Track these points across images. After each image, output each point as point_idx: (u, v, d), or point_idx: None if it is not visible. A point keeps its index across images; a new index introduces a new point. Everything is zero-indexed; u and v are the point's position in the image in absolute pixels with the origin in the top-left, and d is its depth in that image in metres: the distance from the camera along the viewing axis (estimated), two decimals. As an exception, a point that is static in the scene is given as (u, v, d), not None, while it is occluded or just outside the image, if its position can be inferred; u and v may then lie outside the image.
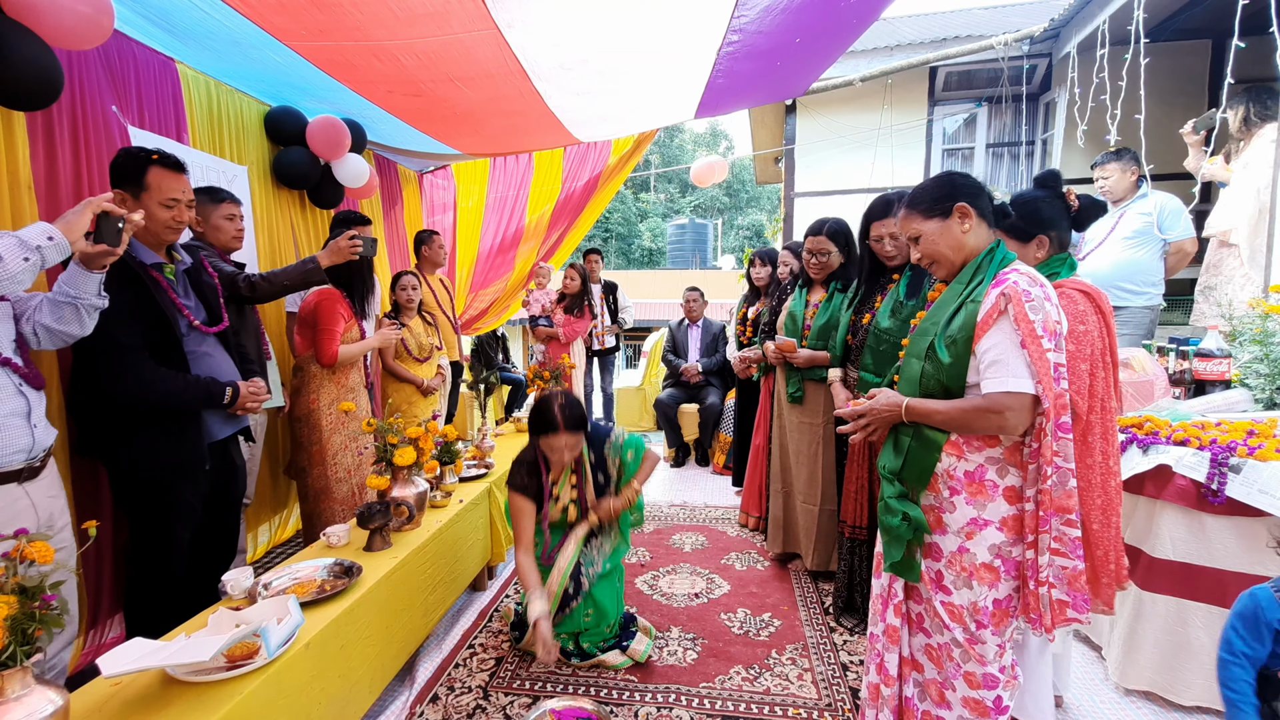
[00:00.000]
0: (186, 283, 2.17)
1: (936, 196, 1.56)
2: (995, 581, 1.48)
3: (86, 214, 1.65)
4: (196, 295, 2.20)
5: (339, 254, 2.66)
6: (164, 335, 2.00)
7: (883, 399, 1.60)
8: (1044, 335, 1.37)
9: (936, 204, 1.55)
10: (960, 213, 1.52)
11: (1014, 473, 1.48)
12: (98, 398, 1.96)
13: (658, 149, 33.67)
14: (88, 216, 1.65)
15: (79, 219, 1.64)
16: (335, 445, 2.79)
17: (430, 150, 4.59)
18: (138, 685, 1.42)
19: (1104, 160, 3.47)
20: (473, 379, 4.66)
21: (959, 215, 1.52)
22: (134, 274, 1.94)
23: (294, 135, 3.50)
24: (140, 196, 1.95)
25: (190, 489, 2.09)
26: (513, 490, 2.39)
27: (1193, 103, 5.27)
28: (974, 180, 1.57)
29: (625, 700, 2.12)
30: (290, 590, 1.86)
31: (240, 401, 2.17)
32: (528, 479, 2.38)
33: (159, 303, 1.99)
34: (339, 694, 1.75)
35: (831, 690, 2.17)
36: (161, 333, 1.99)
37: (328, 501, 2.79)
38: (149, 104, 2.67)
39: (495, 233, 5.83)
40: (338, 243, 2.66)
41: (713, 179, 6.27)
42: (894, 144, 5.92)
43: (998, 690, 1.50)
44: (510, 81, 3.18)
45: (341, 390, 2.85)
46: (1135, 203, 3.38)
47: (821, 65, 3.88)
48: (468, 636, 2.54)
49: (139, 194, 1.95)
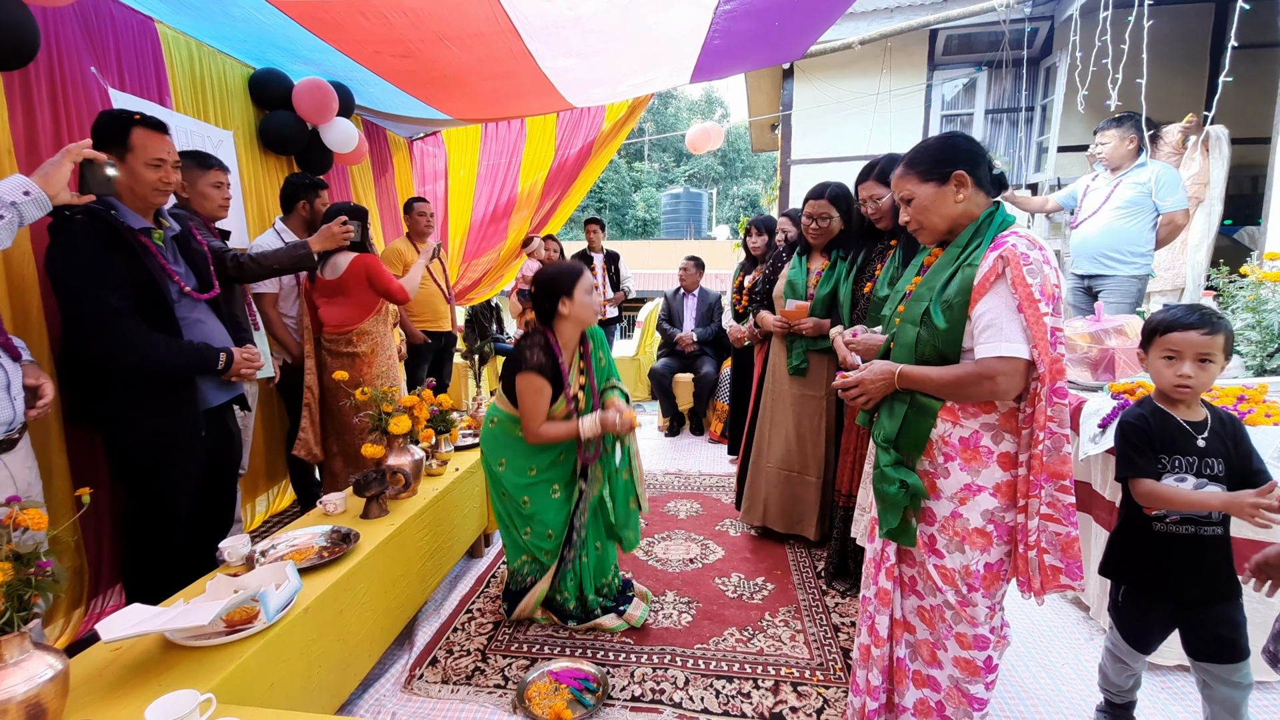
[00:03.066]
0: (176, 249, 2.13)
1: (937, 159, 1.52)
2: (987, 546, 1.50)
3: (66, 164, 1.60)
4: (186, 262, 2.16)
5: (331, 239, 2.66)
6: (155, 301, 1.96)
7: (876, 367, 1.59)
8: (1041, 299, 1.36)
9: (936, 167, 1.51)
10: (957, 181, 1.49)
11: (1009, 438, 1.48)
12: (90, 364, 1.94)
13: (652, 117, 33.07)
14: (67, 167, 1.60)
15: (58, 170, 1.59)
16: None
17: (420, 115, 4.49)
18: (137, 650, 1.43)
19: (1105, 126, 3.42)
20: (467, 349, 4.63)
21: (955, 183, 1.49)
22: (122, 239, 1.89)
23: (279, 99, 3.41)
24: (125, 158, 1.91)
25: (187, 456, 2.07)
26: (529, 371, 2.15)
27: (1194, 68, 5.20)
28: (977, 146, 1.53)
29: (622, 662, 2.16)
30: (288, 557, 1.87)
31: (235, 368, 2.14)
32: (544, 358, 2.18)
33: (149, 268, 1.94)
34: (338, 657, 1.77)
35: (823, 650, 2.21)
36: (152, 299, 1.95)
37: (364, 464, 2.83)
38: (129, 65, 2.59)
39: (488, 201, 5.74)
40: (330, 228, 2.67)
41: (708, 145, 6.18)
42: (892, 109, 5.83)
43: (988, 651, 1.53)
44: (501, 41, 3.10)
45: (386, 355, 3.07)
46: (1132, 172, 3.35)
47: (821, 26, 3.79)
48: (465, 602, 2.57)
49: (124, 155, 1.90)
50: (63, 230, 1.83)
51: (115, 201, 1.93)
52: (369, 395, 2.35)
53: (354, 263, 2.86)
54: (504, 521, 2.37)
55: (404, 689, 2.04)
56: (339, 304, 2.91)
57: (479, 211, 5.76)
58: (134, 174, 1.93)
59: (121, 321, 1.87)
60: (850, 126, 5.99)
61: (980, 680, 1.55)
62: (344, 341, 2.97)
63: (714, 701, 1.96)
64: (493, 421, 2.36)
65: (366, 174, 4.56)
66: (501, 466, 2.32)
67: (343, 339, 2.97)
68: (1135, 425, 1.56)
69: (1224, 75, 2.67)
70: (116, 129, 1.90)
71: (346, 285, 2.86)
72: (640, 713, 1.92)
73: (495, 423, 2.35)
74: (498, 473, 2.33)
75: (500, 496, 2.36)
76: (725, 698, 1.98)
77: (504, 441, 2.32)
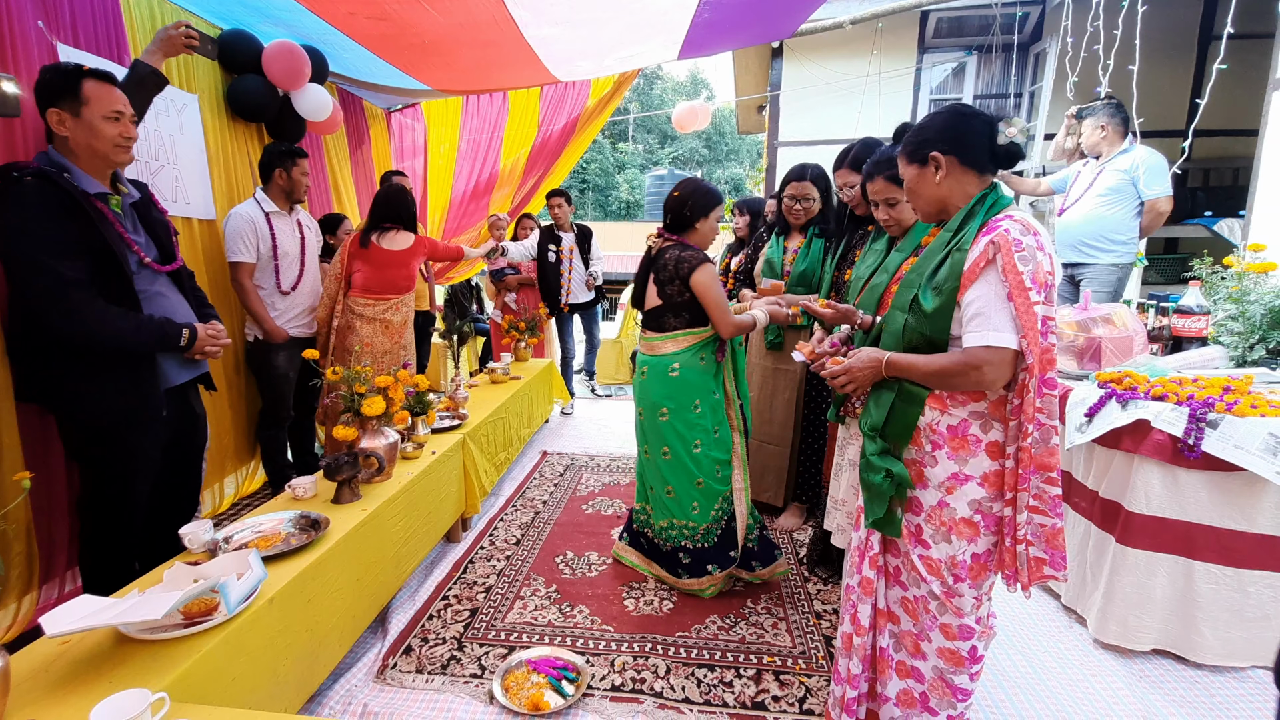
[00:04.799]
0: (135, 217, 2.00)
1: (916, 140, 1.48)
2: (974, 536, 1.47)
3: None
4: (146, 231, 2.02)
5: (172, 45, 2.26)
6: (112, 272, 1.82)
7: (863, 355, 1.55)
8: (1033, 287, 1.30)
9: (916, 149, 1.48)
10: (933, 161, 1.44)
11: (997, 428, 1.44)
12: (40, 339, 1.80)
13: (636, 96, 32.66)
14: None
15: None
16: None
17: (398, 85, 4.32)
18: (87, 644, 1.35)
19: (1088, 113, 3.37)
20: (446, 328, 4.53)
21: (932, 164, 1.45)
22: (76, 204, 1.76)
23: (249, 62, 3.25)
24: (81, 113, 1.77)
25: (147, 438, 1.96)
26: (706, 262, 2.24)
27: (1182, 57, 5.20)
28: (964, 122, 1.45)
29: (602, 650, 2.12)
30: (253, 544, 1.79)
31: (198, 345, 2.02)
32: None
33: (105, 237, 1.80)
34: (306, 648, 1.70)
35: (805, 638, 2.20)
36: (109, 270, 1.82)
37: None
38: (83, 20, 2.42)
39: (468, 178, 5.59)
40: (167, 31, 2.25)
41: (694, 125, 6.07)
42: (881, 93, 5.76)
43: (973, 640, 1.51)
44: (483, 6, 2.97)
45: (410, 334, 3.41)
46: (1115, 158, 3.29)
47: (813, 1, 3.70)
48: (442, 588, 2.51)
49: (78, 110, 1.77)
50: (9, 193, 1.70)
51: (68, 164, 1.80)
52: (340, 375, 2.25)
53: (419, 239, 3.32)
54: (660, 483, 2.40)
55: (376, 679, 1.98)
56: (392, 269, 3.20)
57: (459, 188, 5.61)
58: (93, 130, 1.79)
59: (74, 293, 1.74)
60: (839, 109, 5.92)
61: (965, 671, 1.53)
62: (383, 307, 3.22)
63: (695, 691, 1.93)
64: (673, 370, 2.31)
65: (342, 145, 4.40)
66: (697, 409, 2.32)
67: (382, 304, 3.22)
68: None
69: (1218, 63, 2.64)
70: (63, 82, 1.77)
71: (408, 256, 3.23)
72: (620, 702, 1.88)
73: (678, 369, 2.31)
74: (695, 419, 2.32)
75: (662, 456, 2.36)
76: (707, 687, 1.95)
77: (696, 381, 2.32)
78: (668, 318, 2.32)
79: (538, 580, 2.58)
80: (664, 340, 2.34)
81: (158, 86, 2.25)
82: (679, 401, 2.32)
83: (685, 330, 2.31)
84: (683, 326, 2.30)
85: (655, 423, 2.38)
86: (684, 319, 2.30)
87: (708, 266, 2.21)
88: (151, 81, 2.22)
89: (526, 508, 3.33)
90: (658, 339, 2.36)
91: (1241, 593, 1.94)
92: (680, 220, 2.29)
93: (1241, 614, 1.95)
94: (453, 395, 3.25)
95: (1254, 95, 3.86)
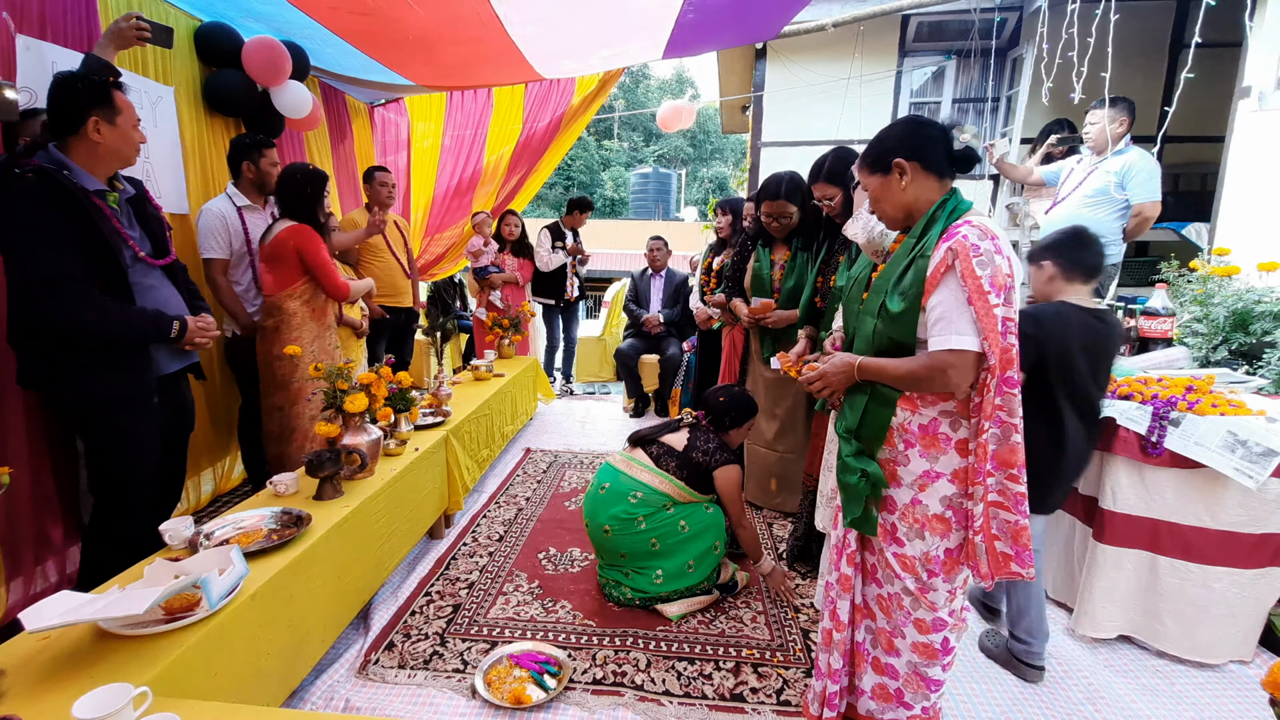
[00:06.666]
0: (130, 212, 2.09)
1: (877, 150, 1.53)
2: (947, 532, 1.51)
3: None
4: (141, 226, 2.11)
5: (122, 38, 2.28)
6: (108, 265, 1.92)
7: (837, 360, 1.60)
8: (991, 290, 1.34)
9: (878, 158, 1.52)
10: (897, 169, 1.49)
11: (966, 426, 1.49)
12: (40, 329, 1.88)
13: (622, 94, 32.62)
14: None
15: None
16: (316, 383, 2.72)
17: (381, 80, 4.30)
18: (68, 640, 1.35)
19: (1095, 106, 3.31)
20: (429, 325, 4.51)
21: (896, 171, 1.49)
22: (75, 200, 1.85)
23: (228, 56, 3.21)
24: (116, 121, 1.92)
25: (144, 422, 2.05)
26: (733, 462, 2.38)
27: (1153, 65, 5.33)
28: (921, 129, 1.50)
29: (584, 644, 2.15)
30: (234, 540, 1.79)
31: (189, 336, 2.13)
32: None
33: (102, 231, 1.89)
34: (288, 644, 1.70)
35: (783, 631, 2.24)
36: (105, 263, 1.91)
37: (299, 440, 2.75)
38: (52, 9, 2.38)
39: (452, 174, 5.56)
40: (117, 24, 2.26)
41: (679, 124, 6.08)
42: (863, 95, 5.83)
43: (945, 632, 1.56)
44: (467, 3, 2.97)
45: (320, 327, 2.81)
46: (1108, 159, 3.26)
47: (796, 3, 3.74)
48: (424, 584, 2.52)
49: (114, 118, 1.91)
50: (12, 189, 1.77)
51: (68, 161, 1.89)
52: (322, 371, 2.25)
53: (285, 234, 2.66)
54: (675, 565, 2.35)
55: (359, 675, 1.98)
56: (278, 271, 2.71)
57: (443, 184, 5.58)
58: (126, 137, 1.94)
59: (70, 285, 1.83)
60: (821, 111, 5.97)
61: (938, 663, 1.58)
62: (261, 311, 2.81)
63: (675, 683, 1.96)
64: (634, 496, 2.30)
65: (323, 140, 4.35)
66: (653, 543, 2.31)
67: (262, 308, 2.81)
68: None
69: (1185, 72, 2.72)
70: (100, 92, 1.90)
71: (282, 254, 2.67)
72: (602, 695, 1.91)
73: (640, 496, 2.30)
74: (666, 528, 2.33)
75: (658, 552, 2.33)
76: (687, 679, 1.98)
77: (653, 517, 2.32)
78: (672, 461, 2.32)
79: (520, 576, 2.60)
80: (650, 472, 2.33)
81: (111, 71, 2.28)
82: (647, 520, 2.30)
83: (673, 478, 2.30)
84: (678, 477, 2.31)
85: (601, 538, 2.36)
86: (684, 475, 2.32)
87: (734, 469, 2.34)
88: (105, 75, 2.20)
89: (509, 504, 3.35)
90: (644, 467, 2.34)
91: (1206, 588, 1.99)
92: (720, 423, 2.45)
93: (1207, 610, 2.00)
94: (436, 392, 3.25)
95: (1222, 103, 3.98)
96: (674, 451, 2.35)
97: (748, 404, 2.50)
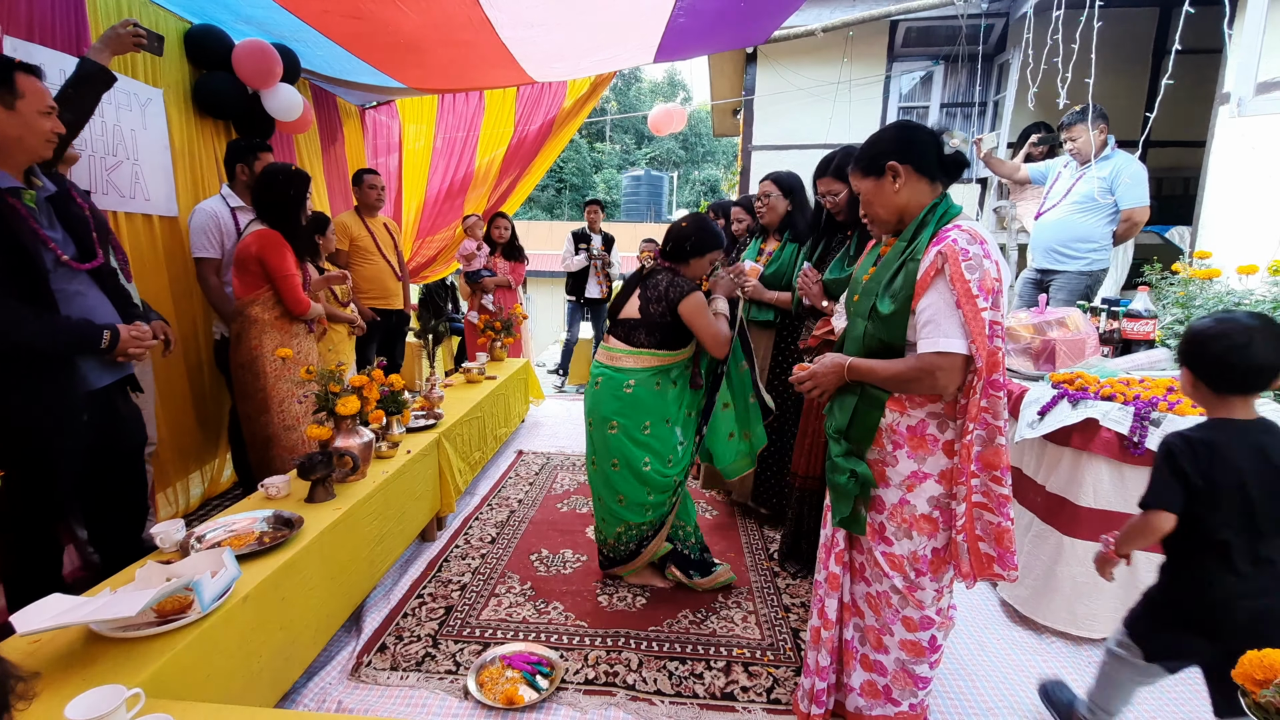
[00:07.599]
0: (51, 212, 1.85)
1: (870, 153, 1.55)
2: (934, 532, 1.53)
3: None
4: (64, 227, 1.87)
5: (120, 43, 2.19)
6: (25, 271, 1.70)
7: (827, 360, 1.62)
8: (980, 294, 1.36)
9: (871, 161, 1.54)
10: (890, 172, 1.51)
11: (953, 427, 1.51)
12: None
13: (614, 97, 32.67)
14: None
15: None
16: (281, 392, 2.66)
17: (373, 83, 4.30)
18: (59, 643, 1.35)
19: (1070, 121, 3.36)
20: (421, 328, 4.50)
21: (890, 174, 1.51)
22: None
23: (218, 58, 3.21)
24: (16, 105, 1.69)
25: (66, 443, 1.82)
26: (696, 291, 2.31)
27: (1137, 70, 5.42)
28: (913, 133, 1.53)
29: (576, 645, 2.16)
30: (226, 543, 1.79)
31: (121, 346, 1.87)
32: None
33: (17, 233, 1.68)
34: (280, 646, 1.71)
35: (774, 631, 2.26)
36: (21, 268, 1.69)
37: (276, 449, 2.69)
38: (40, 11, 2.38)
39: (443, 177, 5.56)
40: (115, 30, 2.17)
41: (670, 127, 6.12)
42: (852, 99, 5.89)
43: (932, 630, 1.58)
44: (459, 6, 2.98)
45: (285, 336, 2.69)
46: (1096, 165, 3.29)
47: (787, 8, 3.77)
48: (416, 586, 2.52)
49: (12, 103, 1.68)
50: None
51: None
52: (315, 373, 2.25)
53: (251, 239, 2.57)
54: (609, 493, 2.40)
55: (351, 676, 1.99)
56: (245, 277, 2.62)
57: (434, 187, 5.58)
58: (28, 124, 1.71)
59: None
60: (811, 115, 6.03)
61: (925, 660, 1.60)
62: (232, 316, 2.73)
63: (666, 683, 1.97)
64: (628, 386, 2.32)
65: (314, 142, 4.35)
66: (646, 430, 2.33)
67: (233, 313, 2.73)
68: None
69: (1167, 78, 2.77)
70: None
71: (248, 261, 2.59)
72: (594, 695, 1.92)
73: (633, 385, 2.32)
74: (642, 439, 2.32)
75: (611, 467, 2.36)
76: (678, 679, 1.99)
77: (648, 401, 2.33)
78: (639, 333, 2.33)
79: (513, 578, 2.61)
80: (627, 355, 2.34)
81: (105, 84, 2.16)
82: (629, 419, 2.33)
83: (651, 350, 2.32)
84: (651, 346, 2.31)
85: (604, 435, 2.38)
86: (655, 339, 2.31)
87: (697, 295, 2.28)
88: (99, 79, 2.13)
89: (502, 506, 3.35)
90: (621, 351, 2.36)
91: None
92: (679, 251, 2.36)
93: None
94: (428, 395, 3.25)
95: (1203, 108, 4.05)
96: (636, 322, 2.35)
97: (710, 231, 2.38)
